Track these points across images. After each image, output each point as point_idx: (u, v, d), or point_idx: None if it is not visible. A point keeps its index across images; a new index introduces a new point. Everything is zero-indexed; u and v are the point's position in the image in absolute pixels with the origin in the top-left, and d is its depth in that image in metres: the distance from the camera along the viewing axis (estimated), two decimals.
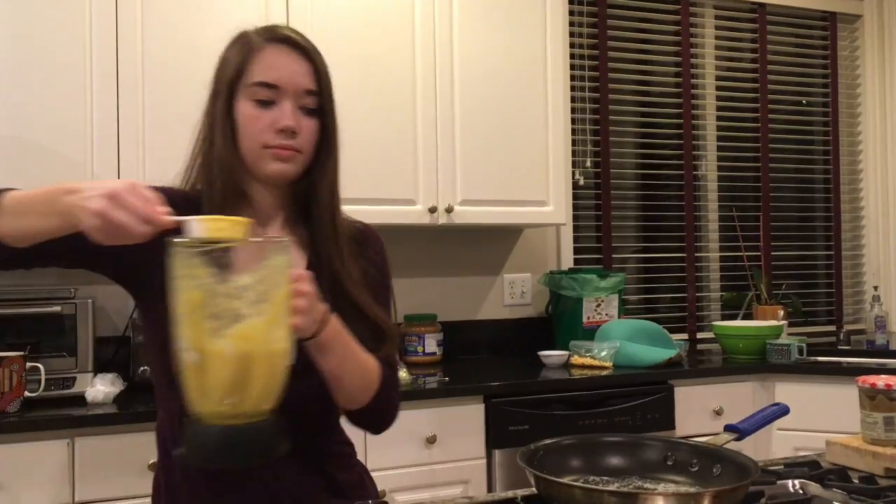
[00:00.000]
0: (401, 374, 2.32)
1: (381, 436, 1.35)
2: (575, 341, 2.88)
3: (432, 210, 2.68)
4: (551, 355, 2.82)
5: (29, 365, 2.11)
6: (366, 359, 1.21)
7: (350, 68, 2.60)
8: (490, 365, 2.92)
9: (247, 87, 1.19)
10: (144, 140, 2.36)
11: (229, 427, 0.90)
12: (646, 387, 2.64)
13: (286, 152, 1.18)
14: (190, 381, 0.92)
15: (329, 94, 1.24)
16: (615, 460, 1.14)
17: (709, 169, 3.68)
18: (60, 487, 2.02)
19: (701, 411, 2.76)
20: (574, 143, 3.36)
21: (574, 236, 3.37)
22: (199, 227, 0.90)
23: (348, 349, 1.16)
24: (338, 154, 1.26)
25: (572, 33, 3.36)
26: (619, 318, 3.04)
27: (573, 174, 3.34)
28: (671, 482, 1.12)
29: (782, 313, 3.30)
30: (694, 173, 3.62)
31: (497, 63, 2.81)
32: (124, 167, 2.33)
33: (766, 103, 3.75)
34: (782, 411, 1.37)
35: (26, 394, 2.10)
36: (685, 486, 1.10)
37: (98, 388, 2.21)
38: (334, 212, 1.25)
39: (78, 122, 2.29)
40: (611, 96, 3.46)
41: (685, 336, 3.49)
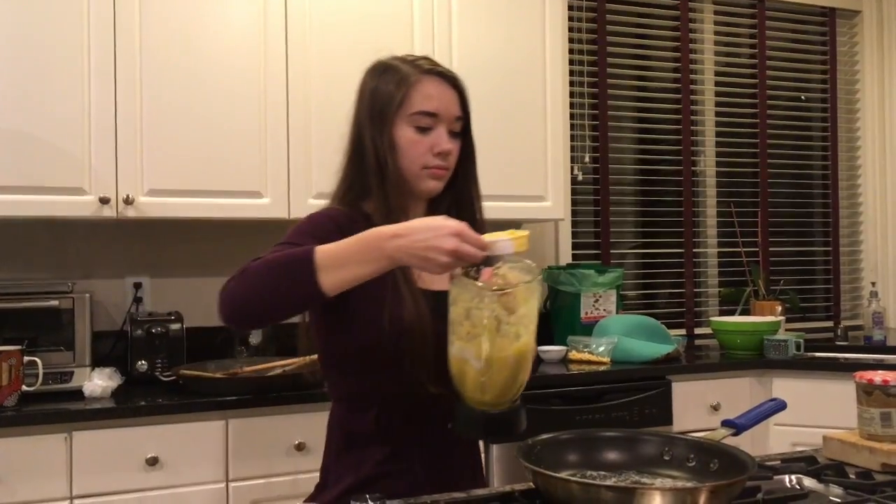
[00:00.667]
0: None
1: None
2: (573, 336, 2.88)
3: None
4: (549, 350, 2.82)
5: (27, 359, 2.11)
6: None
7: (349, 61, 2.59)
8: None
9: (409, 115, 1.36)
10: (142, 135, 2.36)
11: (491, 412, 1.16)
12: (643, 382, 2.64)
13: (441, 171, 1.38)
14: (469, 381, 1.15)
15: (469, 118, 1.43)
16: (612, 455, 1.14)
17: (707, 164, 3.67)
18: (58, 481, 2.02)
19: (698, 406, 2.76)
20: (573, 138, 3.36)
21: (572, 231, 3.37)
22: (510, 245, 1.13)
23: None
24: (475, 166, 1.47)
25: (571, 28, 3.35)
26: (617, 313, 3.04)
27: (572, 169, 3.34)
28: (668, 477, 1.12)
29: (780, 309, 3.30)
30: (692, 169, 3.62)
31: (495, 57, 2.80)
32: (122, 162, 2.33)
33: (765, 99, 3.75)
34: (779, 407, 1.37)
35: (24, 388, 2.10)
36: (682, 481, 1.10)
37: (96, 383, 2.21)
38: (478, 214, 1.47)
39: (76, 116, 2.29)
40: (610, 91, 3.45)
41: (683, 331, 3.49)
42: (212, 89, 2.43)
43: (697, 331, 3.56)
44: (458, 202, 1.45)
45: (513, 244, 1.14)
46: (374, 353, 1.30)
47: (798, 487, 1.16)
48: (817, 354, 2.98)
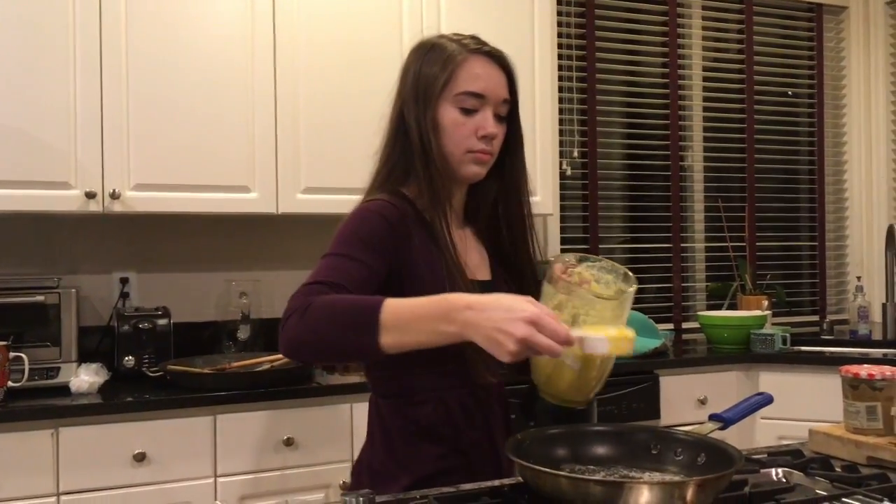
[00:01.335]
0: None
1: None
2: None
3: None
4: None
5: (12, 355, 2.10)
6: None
7: (337, 55, 2.58)
8: None
9: (454, 95, 1.31)
10: (129, 129, 2.34)
11: (577, 409, 1.24)
12: (631, 376, 2.65)
13: (485, 156, 1.33)
14: (565, 383, 1.21)
15: (517, 102, 1.39)
16: (601, 450, 1.14)
17: (695, 160, 3.69)
18: (45, 477, 2.01)
19: (686, 401, 2.77)
20: (561, 132, 3.36)
21: (561, 226, 3.37)
22: (603, 344, 1.05)
23: None
24: (524, 154, 1.42)
25: (560, 23, 3.35)
26: None
27: (560, 164, 3.34)
28: (656, 471, 1.12)
29: (766, 303, 3.32)
30: (680, 164, 3.63)
31: None
32: (108, 156, 2.31)
33: (753, 94, 3.76)
34: (766, 400, 1.38)
35: (10, 384, 2.09)
36: (670, 475, 1.11)
37: (82, 378, 2.20)
38: (525, 207, 1.42)
39: (61, 110, 2.27)
40: (598, 86, 3.46)
41: (671, 326, 3.50)
42: (199, 83, 2.42)
43: (685, 325, 3.57)
44: (505, 193, 1.41)
45: (608, 345, 1.05)
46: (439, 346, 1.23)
47: (784, 481, 1.16)
48: (803, 349, 3.00)
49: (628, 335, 1.06)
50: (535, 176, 2.88)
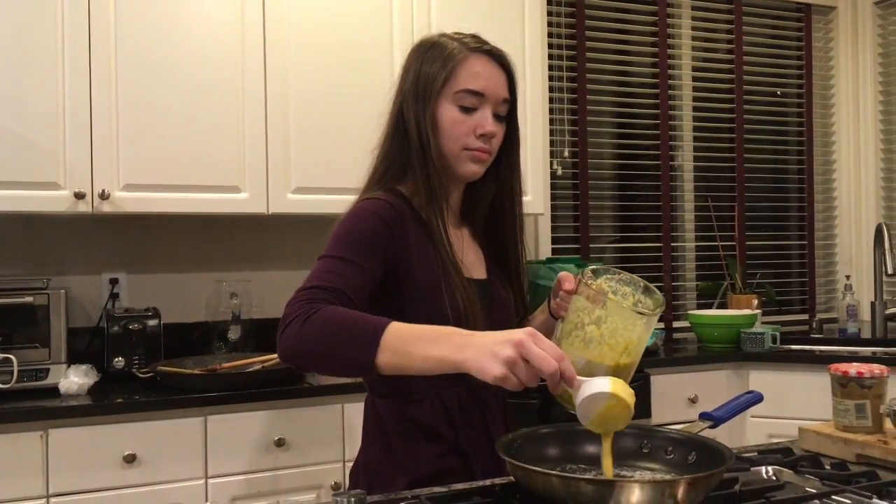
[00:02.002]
0: None
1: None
2: None
3: None
4: None
5: (1, 356, 2.09)
6: None
7: (327, 55, 2.58)
8: None
9: (453, 93, 1.31)
10: (118, 129, 2.33)
11: None
12: None
13: (483, 155, 1.33)
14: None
15: (516, 102, 1.39)
16: (592, 449, 1.14)
17: (685, 160, 3.70)
18: (34, 479, 2.00)
19: (676, 399, 2.78)
20: (552, 132, 3.36)
21: (552, 226, 3.38)
22: (602, 384, 0.99)
23: None
24: (520, 155, 1.44)
25: (550, 23, 3.36)
26: None
27: (551, 164, 3.34)
28: (647, 469, 1.13)
29: (756, 302, 3.34)
30: (670, 164, 3.64)
31: None
32: (97, 156, 2.30)
33: (742, 94, 3.78)
34: (756, 399, 1.38)
35: None
36: (661, 474, 1.11)
37: (72, 380, 2.19)
38: (518, 207, 1.43)
39: (50, 110, 2.25)
40: (588, 86, 3.46)
41: (661, 325, 3.51)
42: (189, 82, 2.41)
43: (675, 324, 3.58)
44: (500, 193, 1.42)
45: (609, 384, 1.00)
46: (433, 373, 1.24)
47: (774, 479, 1.17)
48: (793, 347, 3.01)
49: (629, 400, 1.00)
50: (525, 175, 2.87)
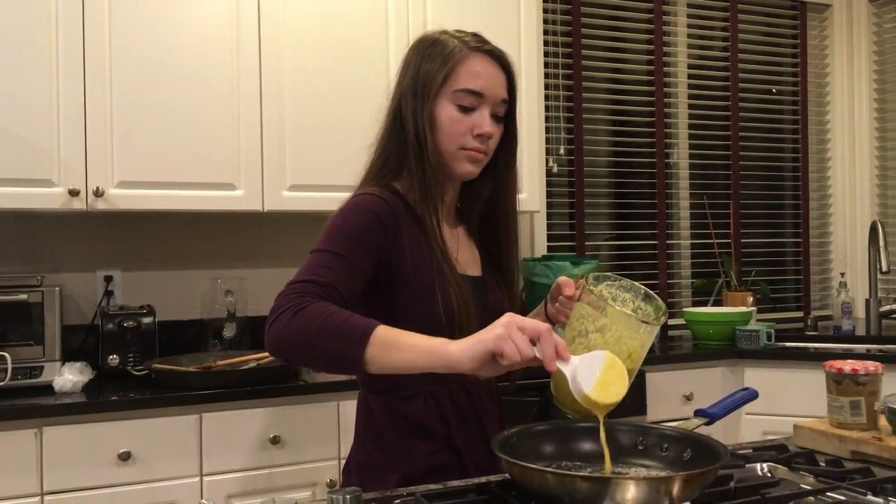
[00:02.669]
0: None
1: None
2: None
3: None
4: None
5: None
6: None
7: (323, 51, 2.57)
8: None
9: (452, 92, 1.31)
10: (112, 126, 2.32)
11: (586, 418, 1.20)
12: None
13: (480, 155, 1.33)
14: (565, 392, 1.14)
15: (515, 103, 1.39)
16: (587, 446, 1.14)
17: (680, 157, 3.70)
18: (29, 477, 1.99)
19: (672, 396, 2.79)
20: (547, 130, 3.36)
21: (547, 223, 3.38)
22: (596, 359, 1.02)
23: None
24: (517, 155, 1.43)
25: (546, 20, 3.35)
26: None
27: (546, 161, 3.34)
28: (642, 466, 1.13)
29: (751, 300, 3.34)
30: (666, 161, 3.65)
31: None
32: (91, 153, 2.29)
33: (737, 92, 3.78)
34: (751, 396, 1.39)
35: None
36: (656, 471, 1.11)
37: (66, 377, 2.18)
38: (515, 208, 1.44)
39: (44, 107, 2.24)
40: (584, 84, 3.46)
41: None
42: (183, 80, 2.40)
43: (670, 322, 3.58)
44: (497, 193, 1.42)
45: (604, 358, 1.04)
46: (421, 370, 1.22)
47: (769, 475, 1.17)
48: (788, 344, 3.02)
49: (623, 375, 1.03)
50: (521, 173, 2.87)
